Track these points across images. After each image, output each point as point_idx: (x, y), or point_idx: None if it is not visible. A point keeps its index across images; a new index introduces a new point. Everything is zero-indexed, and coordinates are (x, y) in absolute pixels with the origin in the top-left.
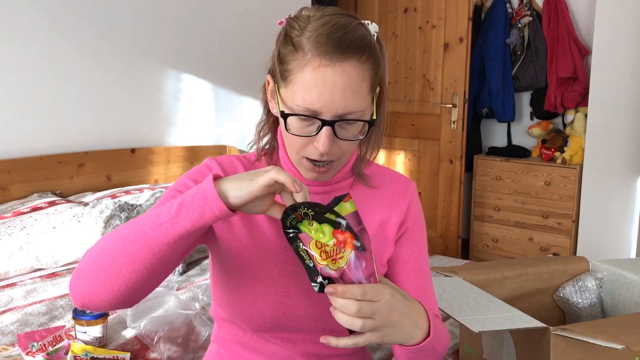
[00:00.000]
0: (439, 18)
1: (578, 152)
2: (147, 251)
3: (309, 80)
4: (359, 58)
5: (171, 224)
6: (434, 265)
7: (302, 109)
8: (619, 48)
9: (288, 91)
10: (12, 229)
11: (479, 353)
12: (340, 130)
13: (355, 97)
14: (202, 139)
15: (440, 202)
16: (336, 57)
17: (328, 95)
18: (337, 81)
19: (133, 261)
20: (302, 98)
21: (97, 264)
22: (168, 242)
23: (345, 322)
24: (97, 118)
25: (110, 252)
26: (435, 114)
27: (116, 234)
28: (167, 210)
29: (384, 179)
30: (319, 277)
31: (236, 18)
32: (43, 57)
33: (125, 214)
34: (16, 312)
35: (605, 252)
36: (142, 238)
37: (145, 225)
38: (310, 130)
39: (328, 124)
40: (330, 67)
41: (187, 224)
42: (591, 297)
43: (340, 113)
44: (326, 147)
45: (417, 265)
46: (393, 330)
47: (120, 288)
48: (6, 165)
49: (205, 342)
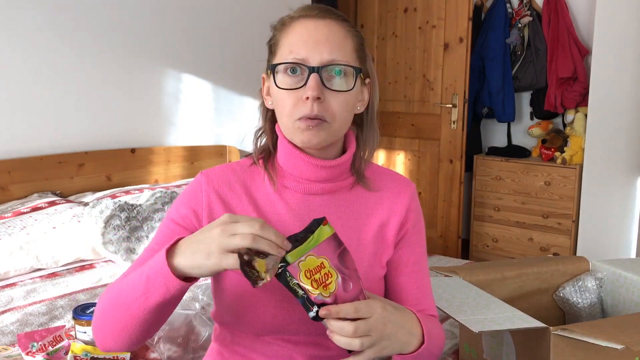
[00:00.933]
0: (439, 18)
1: (578, 152)
2: (132, 318)
3: (294, 35)
4: (339, 20)
5: (144, 299)
6: (434, 265)
7: (289, 60)
8: (619, 48)
9: (277, 57)
10: (12, 229)
11: (478, 353)
12: (328, 81)
13: (339, 47)
14: (202, 139)
15: (440, 202)
16: (317, 13)
17: (312, 42)
18: (320, 30)
19: (128, 324)
20: (289, 51)
21: (102, 320)
22: (150, 311)
23: (344, 343)
24: (97, 118)
25: (108, 312)
26: (435, 114)
27: (110, 296)
28: (139, 285)
29: (384, 180)
30: (314, 307)
31: (236, 18)
32: (43, 58)
33: (125, 214)
34: (16, 312)
35: (605, 252)
36: (127, 308)
37: (127, 298)
38: (299, 79)
39: (315, 70)
40: (312, 20)
41: (158, 298)
42: (591, 297)
43: (325, 59)
44: (315, 92)
45: (416, 267)
46: (389, 342)
47: (126, 338)
48: (6, 165)
49: (205, 342)
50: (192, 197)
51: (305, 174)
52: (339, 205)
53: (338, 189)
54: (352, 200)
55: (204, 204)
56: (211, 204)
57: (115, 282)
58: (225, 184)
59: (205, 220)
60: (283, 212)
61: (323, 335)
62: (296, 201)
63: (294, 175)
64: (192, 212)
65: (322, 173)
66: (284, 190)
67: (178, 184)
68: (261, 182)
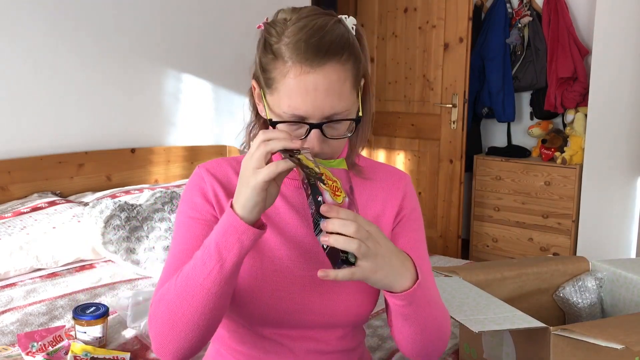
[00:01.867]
0: (439, 18)
1: (578, 152)
2: (210, 296)
3: (292, 88)
4: (339, 59)
5: (220, 266)
6: (434, 266)
7: (289, 116)
8: (619, 48)
9: (274, 98)
10: (12, 229)
11: (478, 353)
12: (329, 130)
13: (339, 98)
14: (202, 139)
15: (440, 202)
16: (316, 62)
17: (311, 101)
18: (319, 86)
19: (202, 310)
20: (288, 105)
21: (170, 325)
22: (225, 280)
23: (342, 243)
24: (97, 118)
25: (179, 311)
26: (435, 114)
27: (172, 294)
28: (209, 258)
29: (378, 173)
30: (320, 196)
31: (236, 18)
32: (43, 58)
33: (125, 214)
34: (16, 312)
35: (605, 252)
36: (201, 289)
37: (198, 278)
38: (299, 133)
39: (316, 126)
40: (311, 73)
41: (233, 259)
42: (591, 297)
43: (326, 115)
44: (318, 148)
45: (415, 254)
46: (383, 262)
47: (198, 334)
48: (6, 165)
49: None
50: (198, 187)
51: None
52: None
53: None
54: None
55: (211, 192)
56: (216, 191)
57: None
58: (224, 175)
59: (216, 208)
60: (278, 203)
61: (321, 329)
62: (291, 193)
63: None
64: (204, 200)
65: None
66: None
67: (178, 184)
68: None
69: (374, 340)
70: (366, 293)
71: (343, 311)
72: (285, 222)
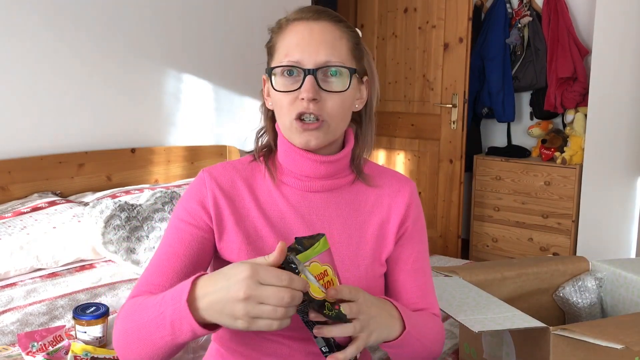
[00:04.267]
0: (438, 18)
1: (578, 152)
2: (160, 349)
3: (289, 38)
4: (335, 21)
5: (171, 338)
6: (434, 266)
7: (285, 63)
8: (619, 48)
9: (274, 59)
10: (12, 229)
11: (478, 353)
12: (324, 82)
13: (334, 48)
14: (202, 139)
15: (440, 202)
16: (312, 15)
17: (306, 45)
18: (314, 32)
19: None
20: (285, 54)
21: (125, 346)
22: (177, 346)
23: (339, 330)
24: (97, 118)
25: (131, 342)
26: (435, 114)
27: (129, 326)
28: (163, 326)
29: (384, 178)
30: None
31: (236, 18)
32: (43, 57)
33: (125, 214)
34: (16, 312)
35: (605, 252)
36: (151, 343)
37: (150, 334)
38: (295, 85)
39: (310, 72)
40: (306, 22)
41: (186, 338)
42: (591, 297)
43: (320, 61)
44: (310, 92)
45: (417, 265)
46: (376, 324)
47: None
48: (6, 165)
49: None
50: (197, 193)
51: (305, 171)
52: (340, 202)
53: (338, 187)
54: (353, 197)
55: (210, 200)
56: (217, 199)
57: (132, 305)
58: (228, 181)
59: (213, 216)
60: (284, 208)
61: None
62: (297, 198)
63: (294, 172)
64: (201, 207)
65: (322, 169)
66: (284, 187)
67: (178, 184)
68: (262, 179)
69: None
70: None
71: None
72: (290, 227)
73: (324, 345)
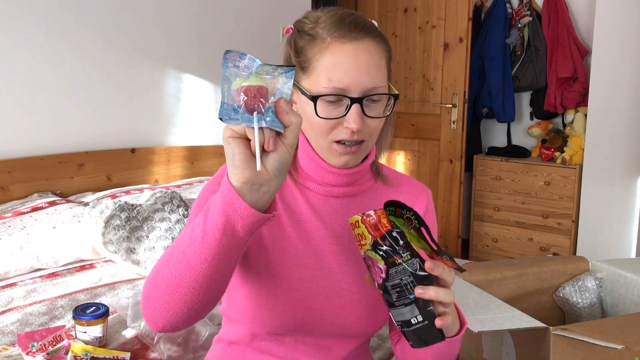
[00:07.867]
0: (438, 18)
1: (578, 152)
2: (190, 271)
3: (333, 61)
4: (373, 37)
5: (202, 236)
6: None
7: (329, 90)
8: (619, 48)
9: (311, 79)
10: (12, 229)
11: (478, 353)
12: (368, 109)
13: (378, 72)
14: (202, 139)
15: (440, 202)
16: (354, 35)
17: (353, 72)
18: (359, 57)
19: (182, 283)
20: (329, 79)
21: (154, 289)
22: (206, 259)
23: (447, 295)
24: (97, 118)
25: (161, 276)
26: (435, 114)
27: (165, 255)
28: (197, 224)
29: (402, 183)
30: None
31: (236, 18)
32: (43, 58)
33: (125, 214)
34: (16, 312)
35: (605, 252)
36: (182, 258)
37: (183, 244)
38: (339, 112)
39: (357, 101)
40: (351, 44)
41: (215, 233)
42: (591, 297)
43: (367, 88)
44: (358, 124)
45: None
46: (452, 313)
47: (179, 309)
48: (6, 165)
49: (205, 342)
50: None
51: (326, 180)
52: (359, 207)
53: (358, 192)
54: (372, 202)
55: None
56: None
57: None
58: None
59: None
60: (305, 209)
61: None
62: (317, 202)
63: (316, 179)
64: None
65: (344, 179)
66: (305, 190)
67: (178, 184)
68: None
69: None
70: (382, 306)
71: (358, 322)
72: (310, 228)
73: (417, 314)
